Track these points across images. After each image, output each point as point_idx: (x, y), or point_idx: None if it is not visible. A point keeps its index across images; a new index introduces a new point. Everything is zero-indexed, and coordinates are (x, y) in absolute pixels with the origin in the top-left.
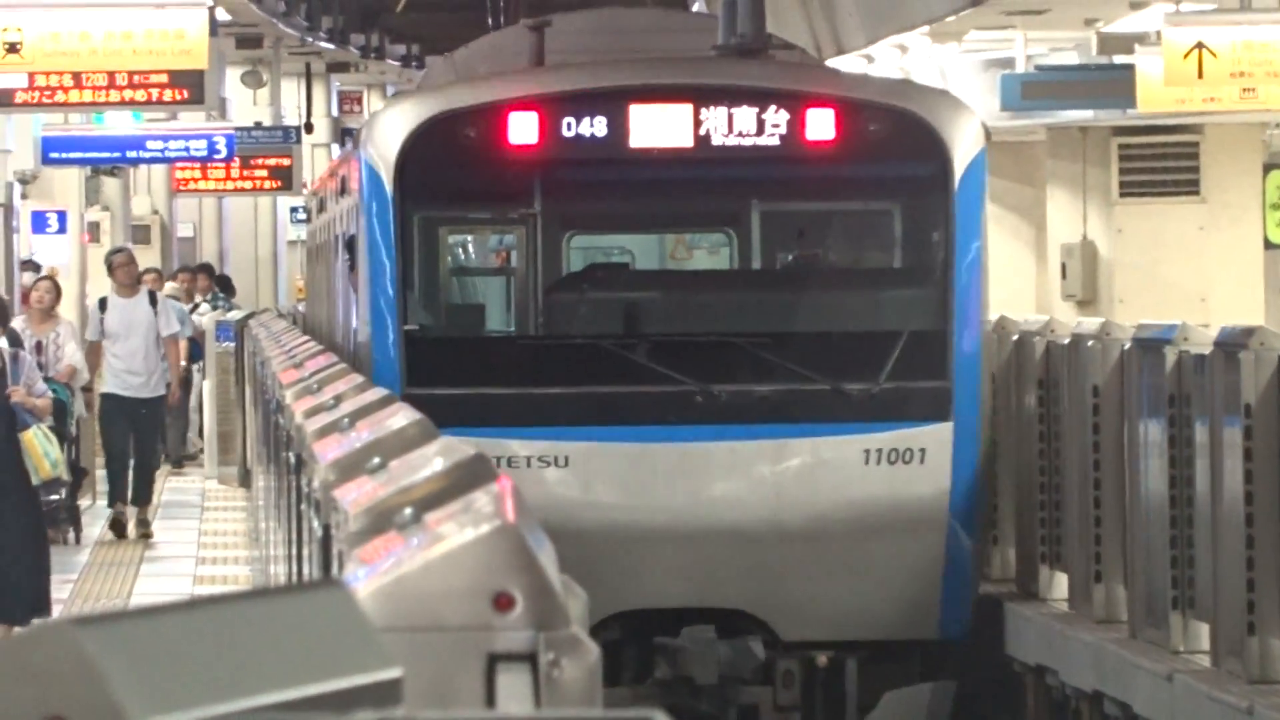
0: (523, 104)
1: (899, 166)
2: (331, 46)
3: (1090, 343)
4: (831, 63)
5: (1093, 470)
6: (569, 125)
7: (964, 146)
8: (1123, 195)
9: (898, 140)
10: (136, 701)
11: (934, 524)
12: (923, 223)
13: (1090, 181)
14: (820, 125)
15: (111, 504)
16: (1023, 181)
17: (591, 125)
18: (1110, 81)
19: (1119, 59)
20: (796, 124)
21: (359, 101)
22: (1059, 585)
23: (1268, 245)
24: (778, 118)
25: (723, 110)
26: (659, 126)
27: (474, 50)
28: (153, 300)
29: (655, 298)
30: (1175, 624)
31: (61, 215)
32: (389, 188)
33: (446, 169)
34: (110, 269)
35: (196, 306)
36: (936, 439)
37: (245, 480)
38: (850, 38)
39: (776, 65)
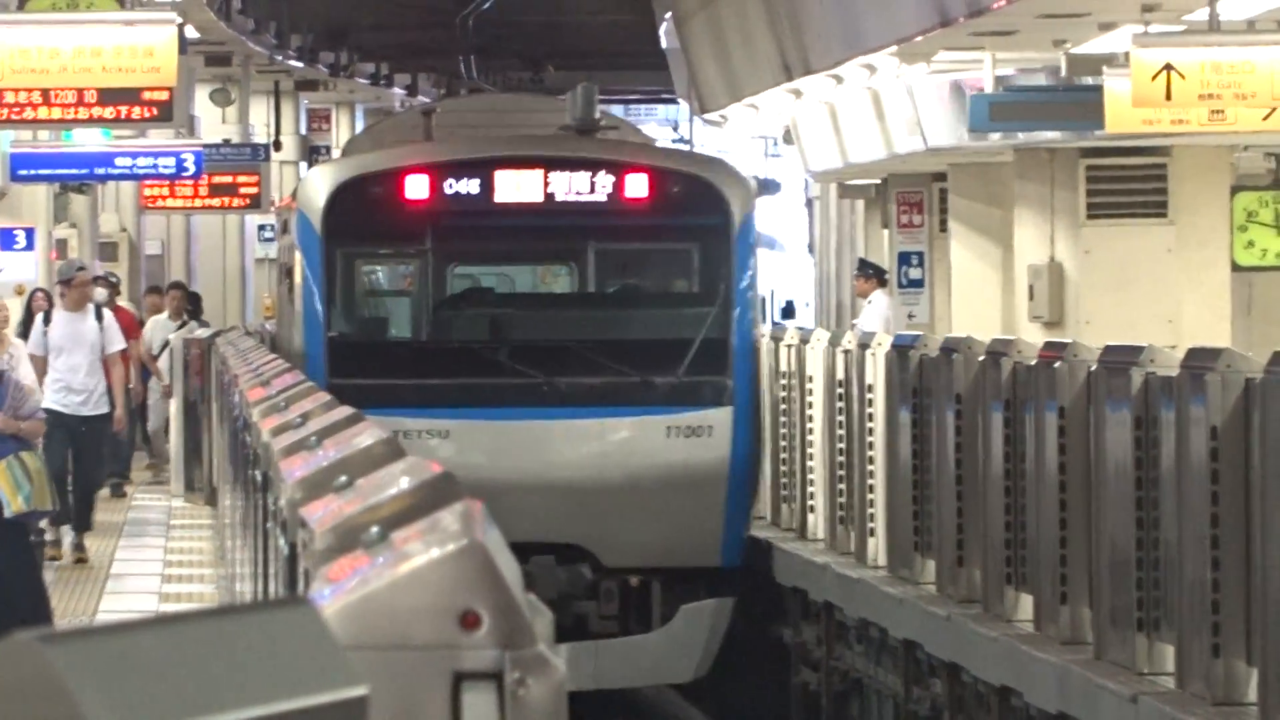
0: (416, 169)
1: (694, 218)
2: (300, 64)
3: (1057, 364)
4: (800, 82)
5: (1059, 491)
6: (451, 185)
7: (740, 204)
8: (1090, 217)
9: (693, 199)
10: (104, 718)
11: (717, 482)
12: (711, 260)
13: (1058, 203)
14: (636, 187)
15: (53, 524)
16: (990, 203)
17: (468, 185)
18: (1078, 103)
19: (1087, 80)
20: (619, 185)
21: (327, 119)
22: (1024, 606)
23: (1235, 268)
24: (605, 180)
25: (565, 175)
26: (518, 186)
27: (385, 126)
28: (99, 315)
29: (513, 313)
30: (1140, 645)
31: (29, 232)
32: (318, 230)
33: (360, 217)
34: (68, 283)
35: (184, 324)
36: (720, 419)
37: (211, 498)
38: (819, 58)
39: (604, 141)
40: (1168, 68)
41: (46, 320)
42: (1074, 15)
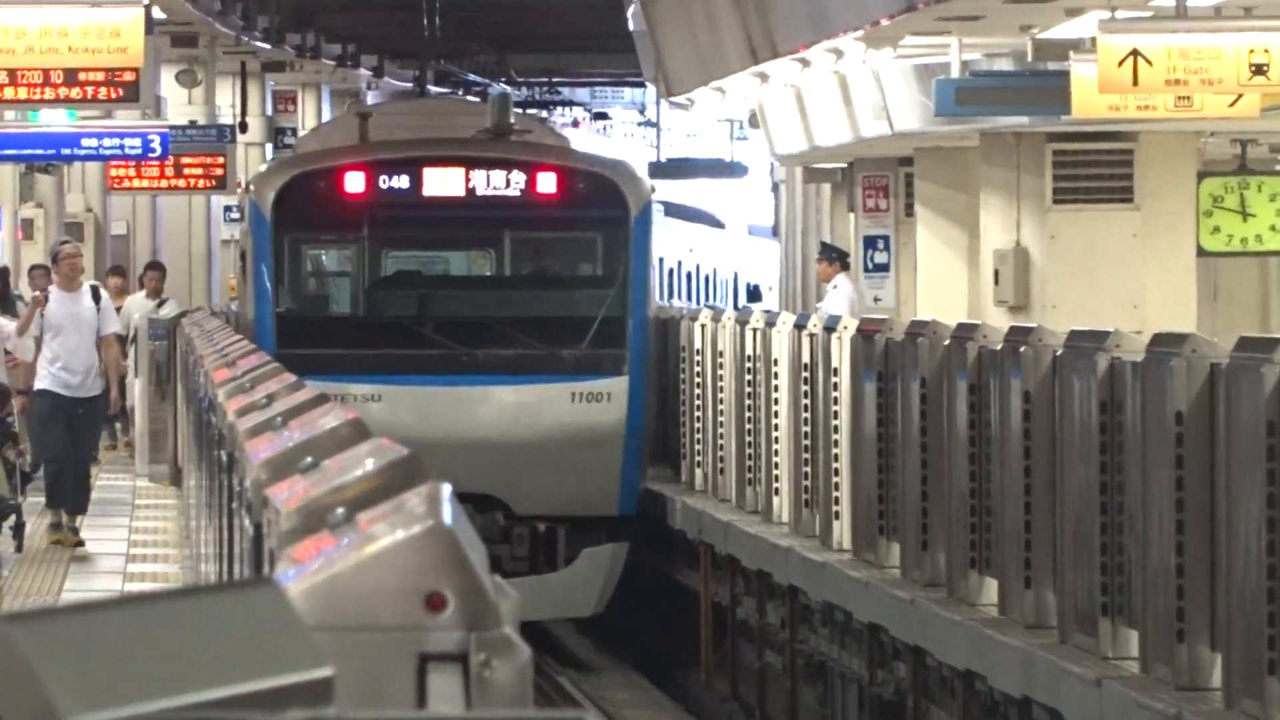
0: (354, 166)
1: (596, 211)
2: (267, 46)
3: (1023, 349)
4: (767, 66)
5: (1023, 476)
6: (384, 180)
7: (637, 199)
8: (1056, 202)
9: (596, 194)
10: (70, 698)
11: (615, 441)
12: (611, 248)
13: (1024, 188)
14: (546, 183)
15: (52, 507)
16: (956, 188)
17: (399, 180)
18: (1045, 88)
19: (1054, 66)
20: (531, 182)
21: (294, 101)
22: (989, 590)
23: (1201, 253)
24: (518, 177)
25: (483, 172)
26: (442, 182)
27: (329, 127)
28: (95, 296)
29: (438, 293)
30: (1105, 630)
31: None
32: (268, 219)
33: (305, 208)
34: (54, 260)
35: (163, 303)
36: (617, 386)
37: (176, 479)
38: (785, 42)
39: (519, 143)
40: (1134, 53)
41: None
42: (1041, 1)
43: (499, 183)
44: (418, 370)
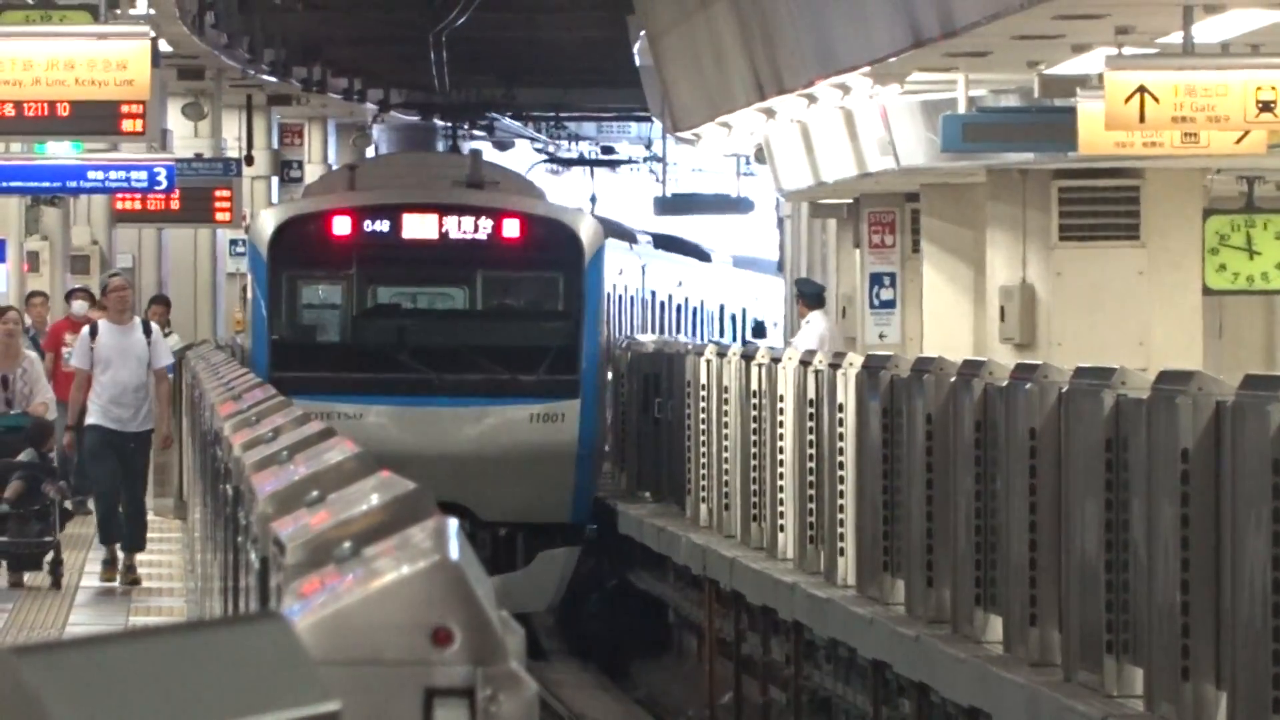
0: (341, 212)
1: (555, 254)
2: (273, 79)
3: (1028, 385)
4: (773, 101)
5: (1029, 513)
6: (368, 224)
7: (591, 243)
8: (1062, 238)
9: (555, 239)
10: None
11: (568, 458)
12: (569, 286)
13: (1030, 224)
14: (512, 229)
15: (106, 544)
16: (962, 224)
17: (381, 225)
18: (1051, 124)
19: (1060, 102)
20: (498, 228)
21: (300, 134)
22: (994, 627)
23: (1206, 291)
24: (487, 224)
25: (456, 218)
26: (420, 227)
27: (327, 177)
28: (146, 329)
29: (415, 324)
30: (1110, 668)
31: (0, 244)
32: (265, 257)
33: (298, 247)
34: (104, 292)
35: (167, 336)
36: (570, 408)
37: (182, 512)
38: (792, 77)
39: (489, 193)
40: (1141, 90)
41: (93, 333)
42: (1047, 37)
43: (469, 228)
44: (396, 392)
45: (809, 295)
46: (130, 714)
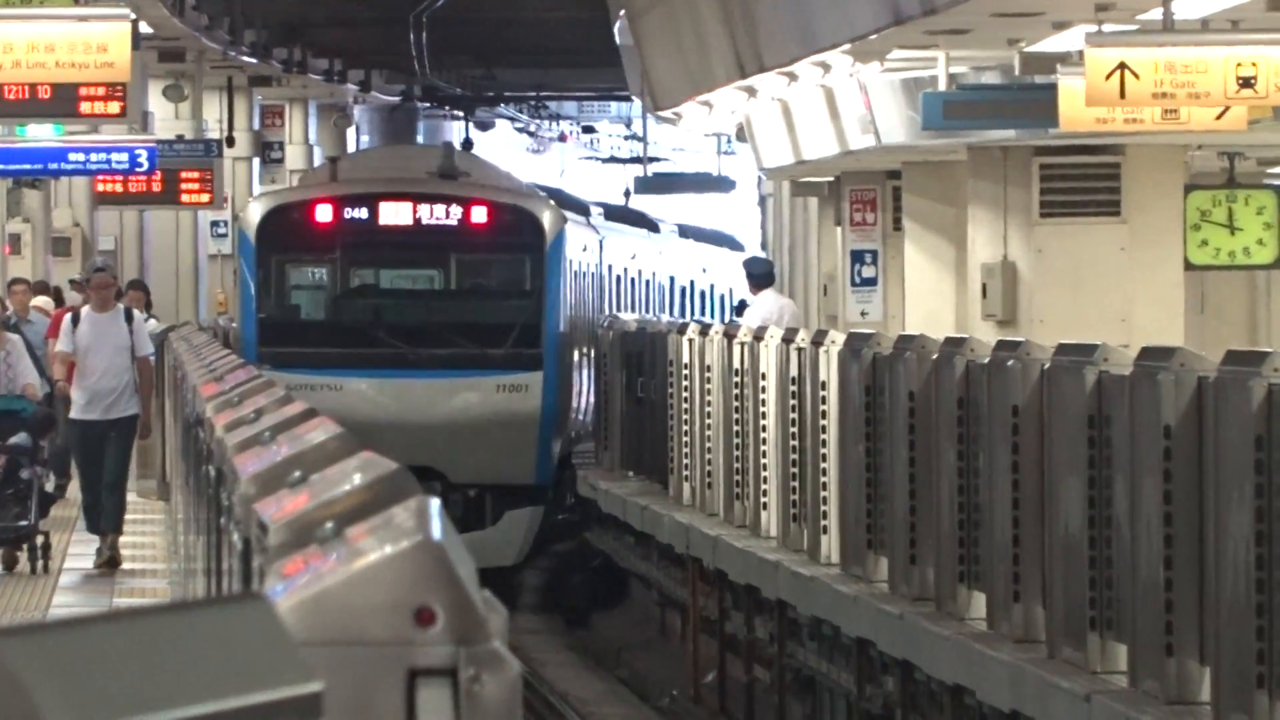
0: (323, 200)
1: (520, 237)
2: (254, 60)
3: (1010, 362)
4: (754, 80)
5: (1012, 490)
6: (348, 211)
7: (551, 227)
8: (1044, 215)
9: (519, 223)
10: (58, 714)
11: (532, 424)
12: (533, 267)
13: (1011, 201)
14: (479, 215)
15: (94, 531)
16: (944, 201)
17: (360, 212)
18: (1032, 101)
19: (1041, 79)
20: (466, 214)
21: (281, 115)
22: (977, 604)
23: (1188, 266)
24: (456, 210)
25: (428, 206)
26: (396, 213)
27: (315, 170)
28: (128, 317)
29: (391, 302)
30: (1093, 644)
31: None
32: (253, 242)
33: (284, 233)
34: (88, 282)
35: (147, 320)
36: (534, 379)
37: (165, 494)
38: (772, 56)
39: (459, 183)
40: (1121, 67)
41: (75, 321)
42: (1028, 14)
43: (440, 215)
44: (373, 365)
45: (757, 275)
46: (113, 695)
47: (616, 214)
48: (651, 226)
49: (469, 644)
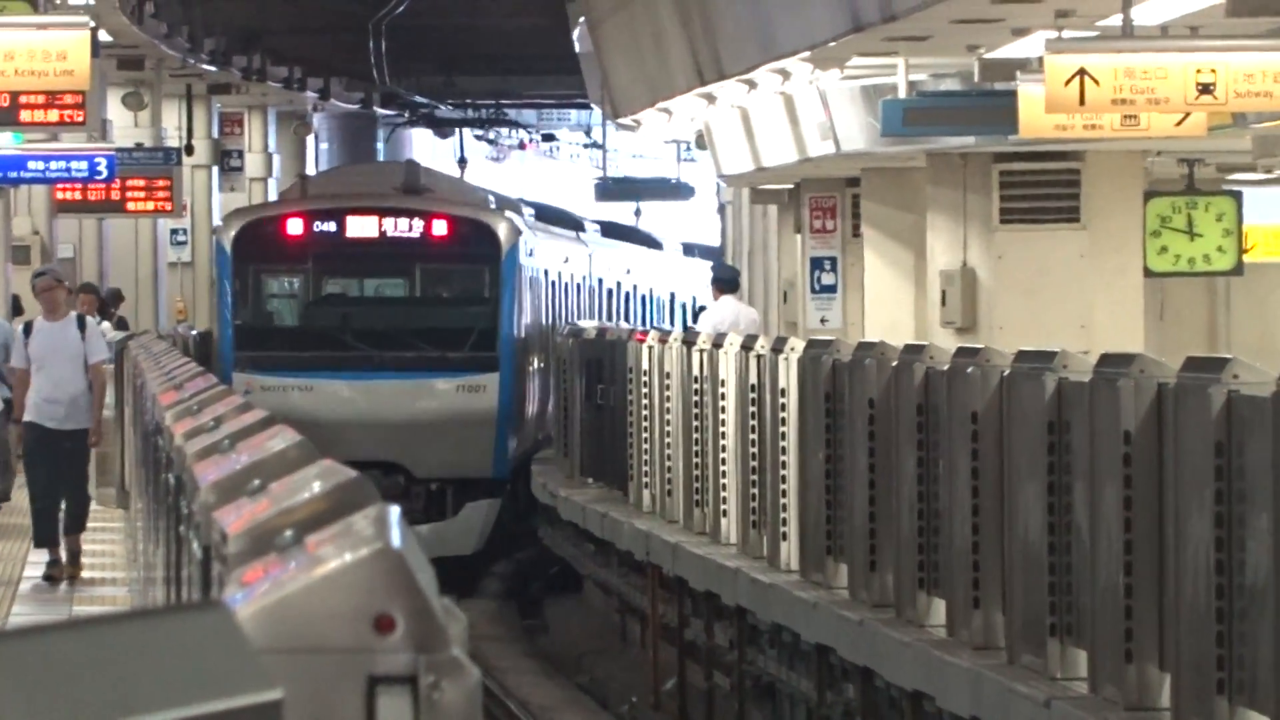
0: (294, 214)
1: (478, 248)
2: (213, 68)
3: (970, 369)
4: (713, 87)
5: (971, 496)
6: (318, 224)
7: (507, 239)
8: (1003, 222)
9: (477, 236)
10: None
11: (489, 422)
12: (490, 276)
13: (971, 208)
14: (440, 228)
15: (41, 545)
16: (903, 208)
17: (329, 225)
18: (992, 108)
19: (1001, 86)
20: (428, 227)
21: (240, 123)
22: (937, 611)
23: (1148, 273)
24: (418, 223)
25: (393, 219)
26: (362, 226)
27: (289, 187)
28: (81, 324)
29: (359, 309)
30: (1053, 650)
31: None
32: (229, 253)
33: (259, 245)
34: (34, 292)
35: (100, 324)
36: (491, 380)
37: (124, 502)
38: (731, 63)
39: (421, 198)
40: (1081, 73)
41: (27, 331)
42: (987, 21)
43: (404, 228)
44: (342, 367)
45: (722, 281)
46: (72, 703)
47: (613, 231)
48: (654, 244)
49: (429, 651)
